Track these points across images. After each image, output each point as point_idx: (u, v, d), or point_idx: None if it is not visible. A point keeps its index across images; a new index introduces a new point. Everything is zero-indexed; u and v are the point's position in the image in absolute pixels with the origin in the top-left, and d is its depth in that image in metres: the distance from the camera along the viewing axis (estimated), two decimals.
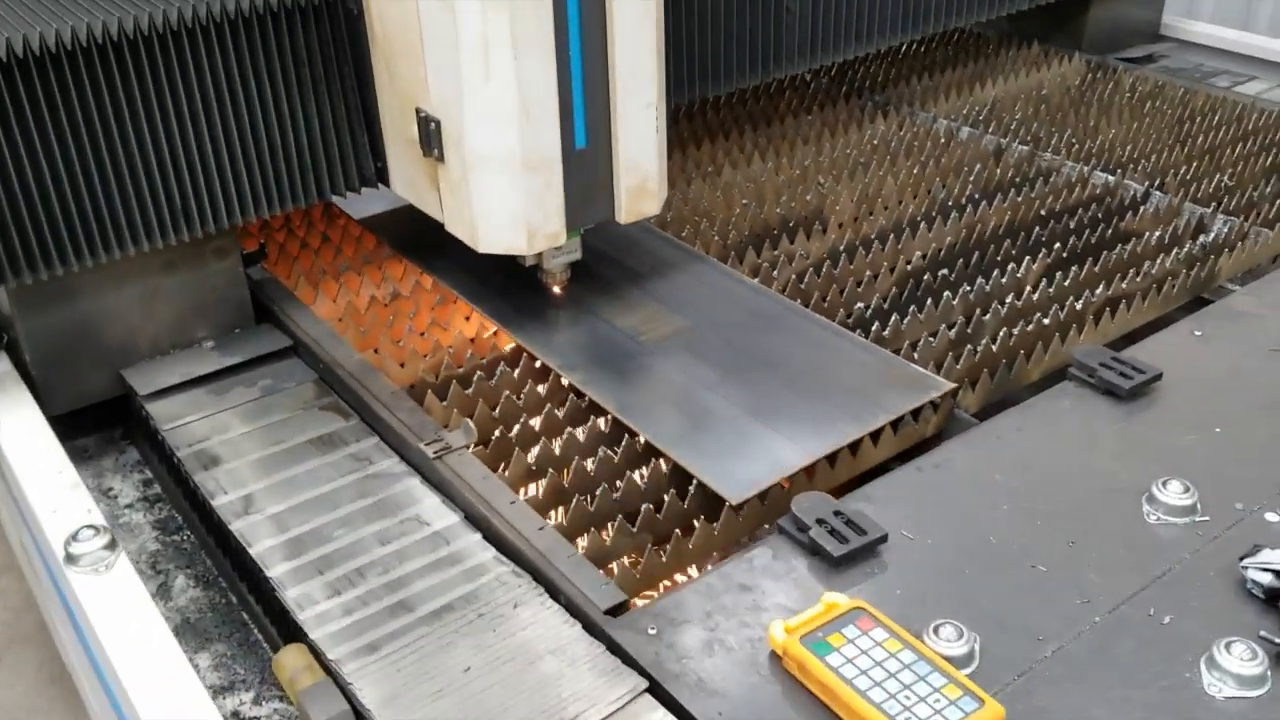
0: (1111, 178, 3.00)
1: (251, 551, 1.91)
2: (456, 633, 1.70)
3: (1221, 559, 1.72)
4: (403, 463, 2.09)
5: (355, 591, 1.81)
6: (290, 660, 1.68)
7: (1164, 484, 1.82)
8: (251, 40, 2.16)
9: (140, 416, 2.33)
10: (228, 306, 2.45)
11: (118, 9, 2.04)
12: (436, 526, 1.94)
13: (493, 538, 1.88)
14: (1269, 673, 1.51)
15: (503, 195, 2.08)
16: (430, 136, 2.11)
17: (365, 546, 1.90)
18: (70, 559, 1.77)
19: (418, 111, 2.12)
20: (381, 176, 2.41)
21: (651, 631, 1.64)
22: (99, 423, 2.45)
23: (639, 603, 1.74)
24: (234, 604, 2.09)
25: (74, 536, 1.78)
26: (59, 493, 1.93)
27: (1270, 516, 1.80)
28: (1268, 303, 2.39)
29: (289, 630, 1.84)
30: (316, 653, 1.70)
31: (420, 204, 2.30)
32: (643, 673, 1.59)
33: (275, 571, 1.86)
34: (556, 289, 2.40)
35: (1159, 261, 2.59)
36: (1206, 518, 1.80)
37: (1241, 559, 1.67)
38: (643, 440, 2.04)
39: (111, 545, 1.79)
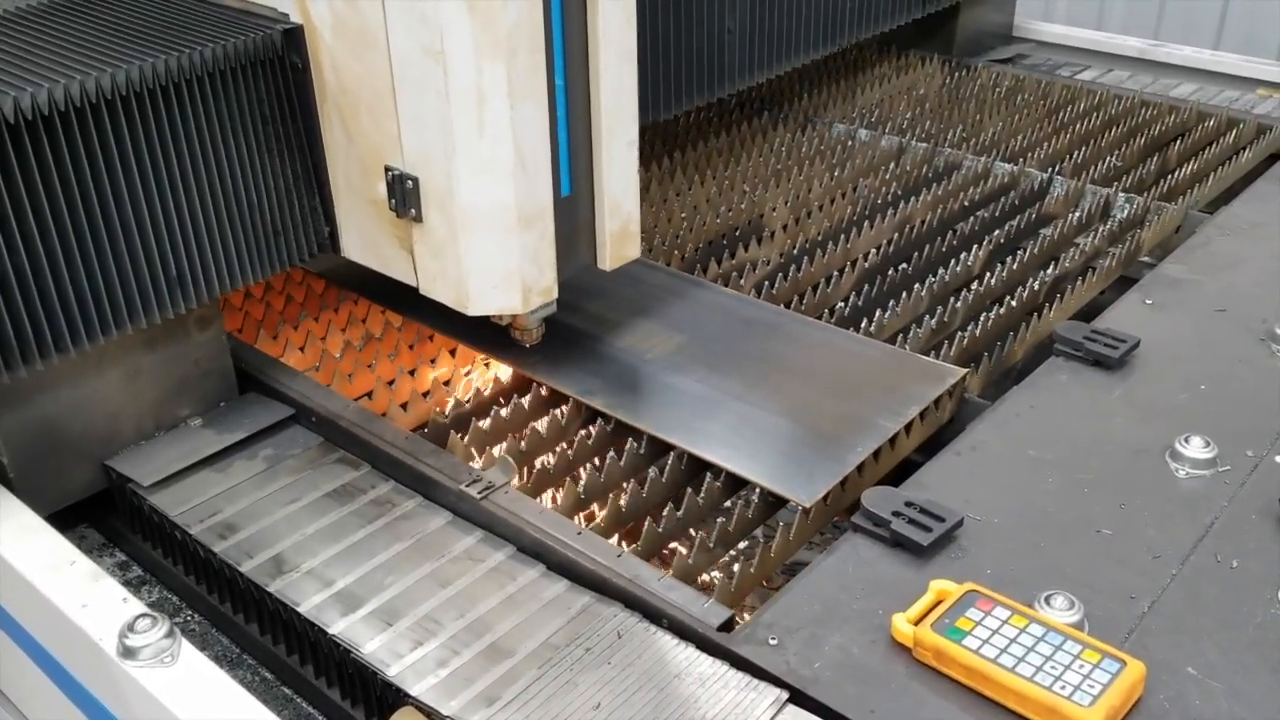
0: (1013, 167, 3.20)
1: (301, 610, 1.79)
2: (571, 670, 1.64)
3: (1256, 502, 1.87)
4: (427, 501, 2.01)
5: (438, 640, 1.73)
6: None
7: (1186, 440, 1.97)
8: (205, 100, 1.95)
9: (134, 508, 2.11)
10: (212, 379, 2.23)
11: (60, 77, 1.80)
12: (491, 563, 1.88)
13: (565, 569, 1.83)
14: None
15: (497, 252, 1.96)
16: (405, 196, 1.97)
17: (426, 591, 1.82)
18: (128, 653, 1.61)
19: (387, 169, 1.99)
20: (332, 241, 2.21)
21: (773, 641, 1.64)
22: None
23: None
24: (269, 680, 1.96)
25: (130, 628, 1.62)
26: (81, 585, 1.75)
27: (1279, 459, 1.97)
28: (1195, 269, 2.61)
29: (369, 693, 1.74)
30: (427, 711, 1.61)
31: (384, 268, 2.14)
32: (778, 683, 1.58)
33: (338, 629, 1.76)
34: (529, 345, 2.22)
35: (1089, 240, 2.78)
36: (1228, 467, 1.95)
37: None
38: (686, 456, 2.03)
39: (171, 634, 1.64)
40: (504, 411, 2.18)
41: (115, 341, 1.97)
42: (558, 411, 2.19)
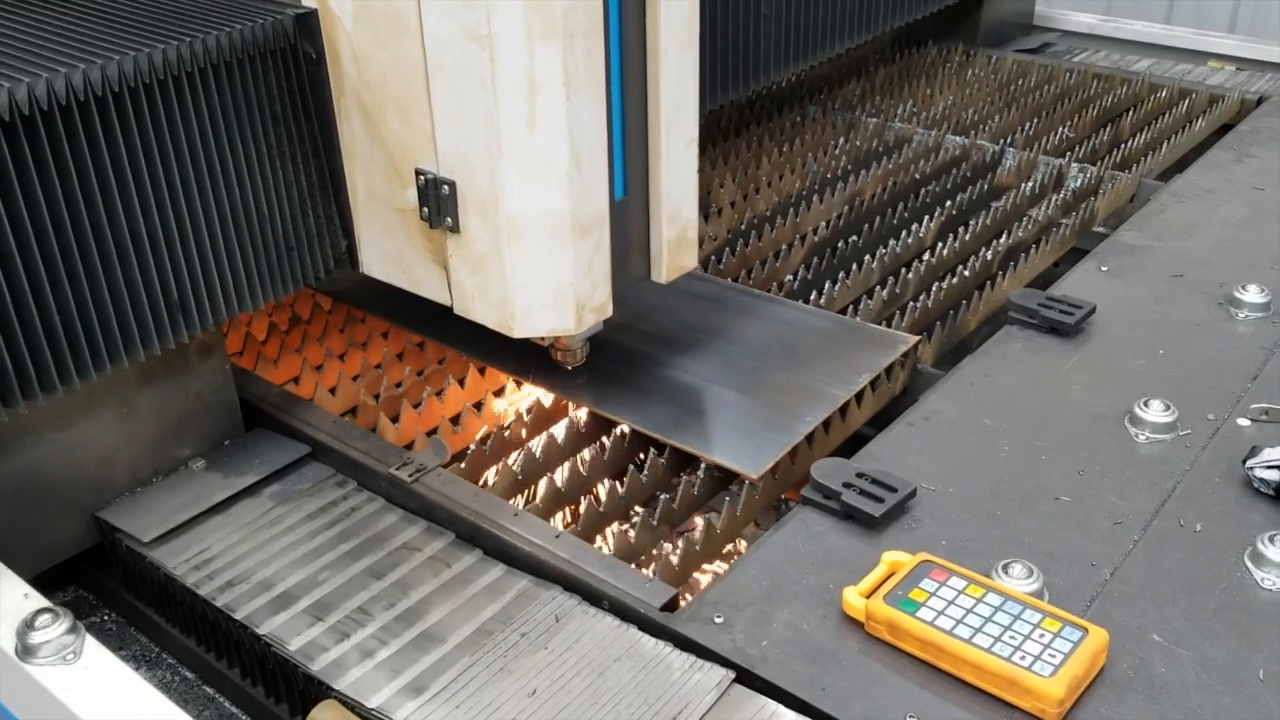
0: (964, 140, 3.13)
1: (237, 617, 1.67)
2: (505, 656, 1.55)
3: (1219, 465, 1.80)
4: (375, 497, 1.88)
5: (366, 631, 1.62)
6: (327, 718, 1.48)
7: (1145, 404, 1.90)
8: (209, 96, 1.70)
9: (128, 562, 1.87)
10: (215, 414, 1.97)
11: (42, 70, 1.54)
12: (429, 551, 1.77)
13: (502, 553, 1.73)
14: None
15: (548, 266, 1.71)
16: (440, 202, 1.73)
17: (360, 584, 1.71)
18: (27, 650, 1.49)
19: (418, 173, 1.75)
20: (350, 256, 1.96)
21: (719, 620, 1.55)
22: None
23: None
24: (190, 679, 1.85)
25: (29, 624, 1.50)
26: None
27: (1241, 421, 1.90)
28: (1150, 236, 2.55)
29: (293, 688, 1.64)
30: (351, 705, 1.51)
31: (412, 285, 1.89)
32: (724, 663, 1.50)
33: (260, 625, 1.64)
34: (570, 367, 2.03)
35: (1042, 209, 2.72)
36: (1189, 431, 1.88)
37: (1244, 461, 1.75)
38: (628, 432, 1.94)
39: (74, 630, 1.52)
40: (440, 394, 2.08)
41: (107, 376, 1.71)
42: (495, 391, 2.09)
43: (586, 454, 1.95)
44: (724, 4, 2.57)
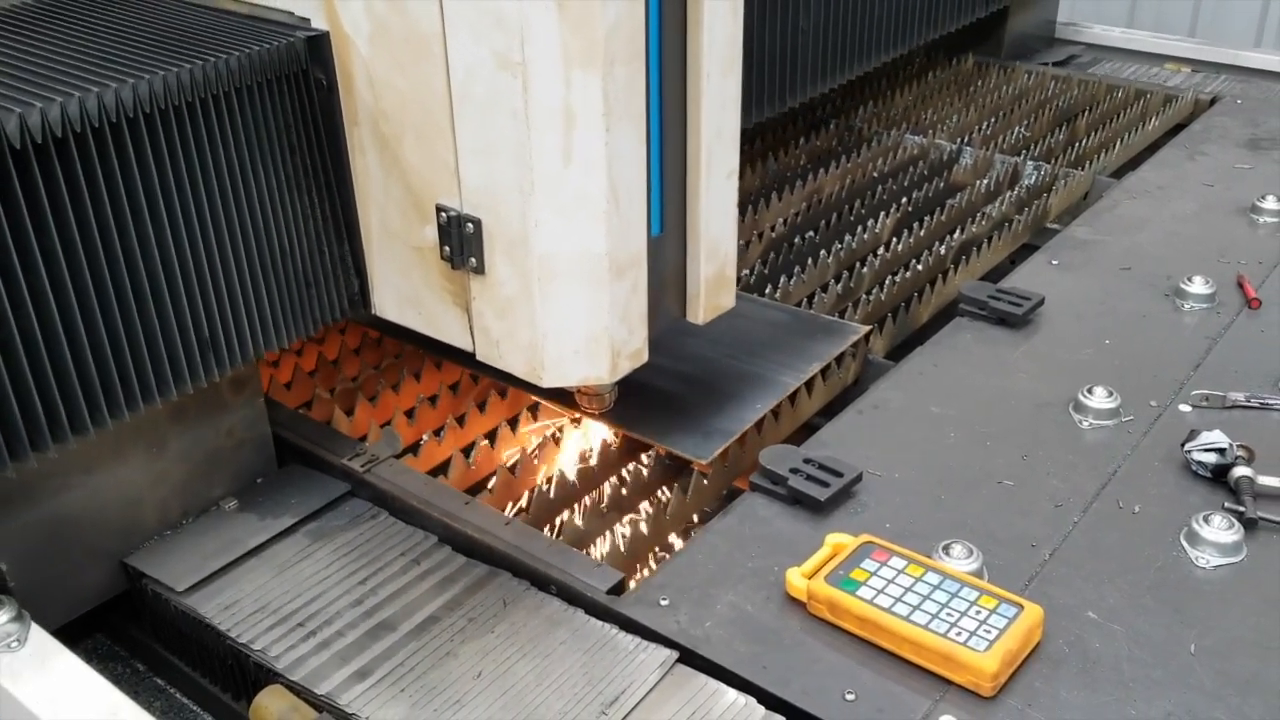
0: (923, 139, 3.17)
1: (201, 614, 1.66)
2: (451, 641, 1.56)
3: (1160, 450, 1.83)
4: (397, 520, 1.82)
5: (331, 628, 1.61)
6: (272, 703, 1.49)
7: (1089, 391, 1.93)
8: (233, 123, 1.61)
9: (155, 609, 1.76)
10: (247, 451, 1.88)
11: (74, 90, 1.46)
12: (401, 548, 1.76)
13: (456, 541, 1.74)
14: (1243, 541, 1.62)
15: (582, 310, 1.59)
16: (464, 241, 1.61)
17: (330, 582, 1.70)
18: None
19: (440, 209, 1.63)
20: (363, 296, 1.84)
21: (664, 602, 1.57)
22: None
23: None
24: (141, 671, 1.85)
25: None
26: None
27: (1183, 408, 1.93)
28: (1101, 231, 2.59)
29: (248, 680, 1.64)
30: (297, 691, 1.52)
31: (430, 329, 1.77)
32: (668, 644, 1.51)
33: (217, 619, 1.65)
34: (598, 412, 1.91)
35: (997, 206, 2.75)
36: (1131, 416, 1.91)
37: (1183, 445, 1.78)
38: (580, 421, 1.96)
39: (19, 617, 1.53)
40: (395, 386, 2.09)
41: (139, 415, 1.63)
42: (449, 382, 2.11)
43: (538, 443, 1.96)
44: (761, 20, 2.50)
